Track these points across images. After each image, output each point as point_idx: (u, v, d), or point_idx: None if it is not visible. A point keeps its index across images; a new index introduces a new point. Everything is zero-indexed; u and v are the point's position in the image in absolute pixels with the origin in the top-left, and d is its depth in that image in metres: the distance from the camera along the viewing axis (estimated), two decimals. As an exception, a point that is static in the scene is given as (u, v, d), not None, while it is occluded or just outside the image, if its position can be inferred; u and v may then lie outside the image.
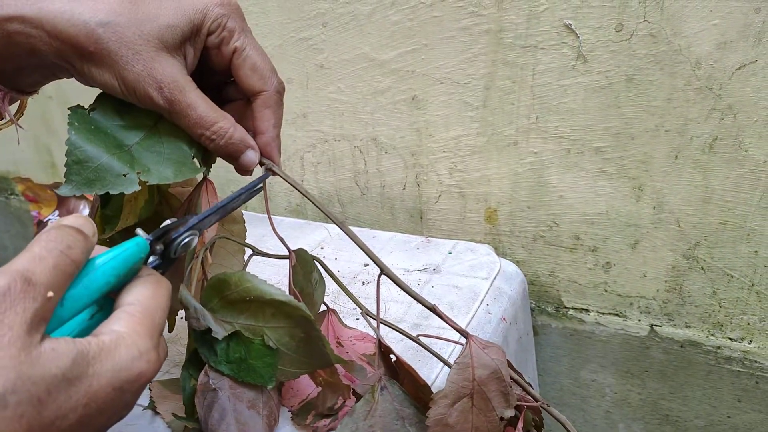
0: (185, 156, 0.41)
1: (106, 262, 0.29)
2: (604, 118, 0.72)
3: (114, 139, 0.40)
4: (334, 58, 0.86)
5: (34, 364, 0.23)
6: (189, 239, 0.35)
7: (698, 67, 0.66)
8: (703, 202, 0.72)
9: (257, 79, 0.40)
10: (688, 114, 0.68)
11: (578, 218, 0.80)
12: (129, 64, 0.36)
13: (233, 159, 0.42)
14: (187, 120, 0.39)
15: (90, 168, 0.38)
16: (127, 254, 0.31)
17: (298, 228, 0.92)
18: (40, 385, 0.23)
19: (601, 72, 0.70)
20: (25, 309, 0.24)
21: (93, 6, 0.35)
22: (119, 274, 0.30)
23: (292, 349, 0.45)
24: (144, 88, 0.37)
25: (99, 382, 0.26)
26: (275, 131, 0.43)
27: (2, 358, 0.23)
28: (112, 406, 0.27)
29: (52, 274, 0.26)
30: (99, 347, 0.26)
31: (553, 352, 0.91)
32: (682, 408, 0.84)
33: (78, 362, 0.25)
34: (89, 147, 0.38)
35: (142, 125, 0.41)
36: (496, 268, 0.75)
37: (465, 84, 0.79)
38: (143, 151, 0.40)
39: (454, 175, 0.85)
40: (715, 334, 0.78)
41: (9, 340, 0.23)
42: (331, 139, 0.93)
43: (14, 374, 0.23)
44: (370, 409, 0.45)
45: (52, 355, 0.24)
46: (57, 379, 0.24)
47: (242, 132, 0.41)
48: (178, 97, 0.38)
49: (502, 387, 0.46)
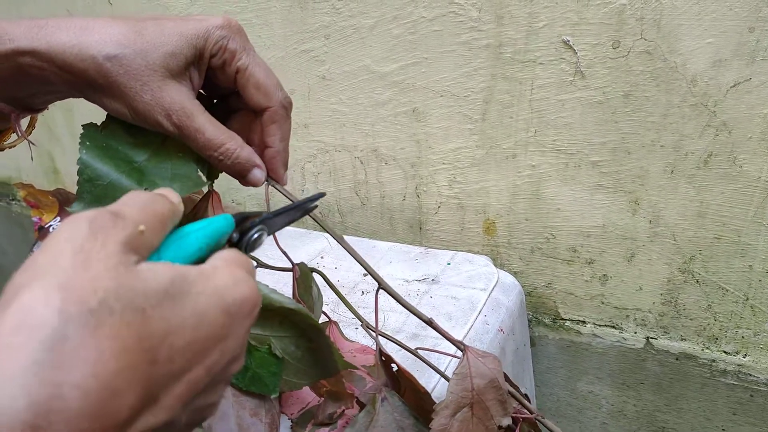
0: (191, 171, 0.43)
1: (197, 230, 0.29)
2: (601, 132, 0.73)
3: (124, 156, 0.41)
4: (336, 70, 0.87)
5: (134, 277, 0.23)
6: (260, 234, 0.33)
7: (694, 84, 0.67)
8: (699, 216, 0.73)
9: (262, 97, 0.41)
10: (683, 130, 0.69)
11: (575, 231, 0.81)
12: (138, 94, 0.38)
13: (240, 177, 0.43)
14: (195, 143, 0.40)
15: (100, 185, 0.40)
16: (216, 226, 0.30)
17: (298, 237, 0.93)
18: (141, 296, 0.23)
19: (599, 87, 0.71)
20: (116, 234, 0.24)
21: (100, 39, 0.36)
22: (210, 243, 0.30)
23: (297, 358, 0.46)
24: (154, 117, 0.39)
25: (205, 302, 0.25)
26: (282, 145, 0.43)
27: (100, 269, 0.22)
28: (222, 336, 0.25)
29: (142, 213, 0.26)
30: (198, 271, 0.26)
31: (550, 363, 0.91)
32: (678, 420, 0.85)
33: (178, 282, 0.24)
34: (100, 165, 0.40)
35: (150, 142, 0.42)
36: (494, 279, 0.76)
37: (465, 97, 0.80)
38: (151, 167, 0.42)
39: (453, 187, 0.86)
40: (710, 348, 0.79)
41: (105, 254, 0.23)
42: (331, 149, 0.94)
43: (114, 283, 0.22)
44: (371, 420, 0.46)
45: (150, 273, 0.24)
46: (159, 294, 0.23)
47: (248, 152, 0.42)
48: (186, 123, 0.39)
49: (500, 395, 0.47)
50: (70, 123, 1.23)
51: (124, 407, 0.21)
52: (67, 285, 0.21)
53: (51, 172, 1.32)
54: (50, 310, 0.20)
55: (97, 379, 0.20)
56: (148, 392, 0.22)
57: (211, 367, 0.25)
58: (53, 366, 0.19)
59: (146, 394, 0.22)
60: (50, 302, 0.20)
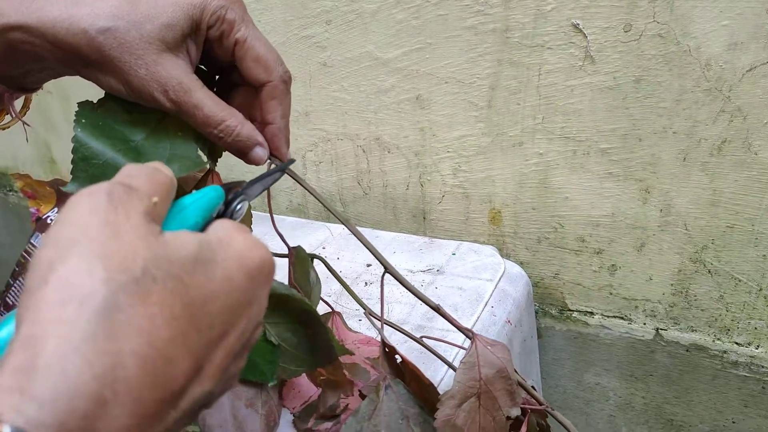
0: (191, 150, 0.41)
1: (193, 202, 0.29)
2: (611, 119, 0.72)
3: (121, 135, 0.40)
4: (337, 56, 0.85)
5: (165, 246, 0.23)
6: (242, 205, 0.34)
7: (708, 69, 0.65)
8: (711, 205, 0.71)
9: (261, 70, 0.40)
10: (696, 116, 0.68)
11: (583, 220, 0.79)
12: (132, 69, 0.36)
13: (242, 155, 0.42)
14: (194, 120, 0.39)
15: (96, 165, 0.38)
16: (210, 197, 0.30)
17: (299, 227, 0.91)
18: (177, 264, 0.22)
19: (609, 72, 0.69)
20: (137, 206, 0.23)
21: (91, 11, 0.34)
22: (206, 216, 0.30)
23: (294, 345, 0.45)
24: (149, 92, 0.37)
25: (231, 266, 0.25)
26: (283, 122, 0.42)
27: (133, 238, 0.22)
28: (248, 300, 0.25)
29: (151, 185, 0.25)
30: (218, 238, 0.25)
31: (557, 354, 0.90)
32: (687, 413, 0.83)
33: (204, 248, 0.24)
34: (95, 143, 0.38)
35: (148, 121, 0.40)
36: (501, 269, 0.74)
37: (470, 83, 0.78)
38: (149, 147, 0.40)
39: (458, 176, 0.84)
40: (722, 339, 0.77)
41: (131, 225, 0.22)
42: (333, 138, 0.92)
43: (150, 252, 0.22)
44: (375, 409, 0.45)
45: (177, 241, 0.23)
46: (190, 261, 0.23)
47: (250, 129, 0.41)
48: (183, 99, 0.37)
49: (508, 385, 0.45)
50: (67, 112, 1.21)
51: (180, 375, 0.21)
52: (107, 254, 0.21)
53: (48, 162, 1.30)
54: (96, 280, 0.20)
55: (153, 347, 0.20)
56: (197, 360, 0.22)
57: (242, 333, 0.25)
58: (110, 336, 0.19)
59: (195, 363, 0.22)
60: (94, 273, 0.20)
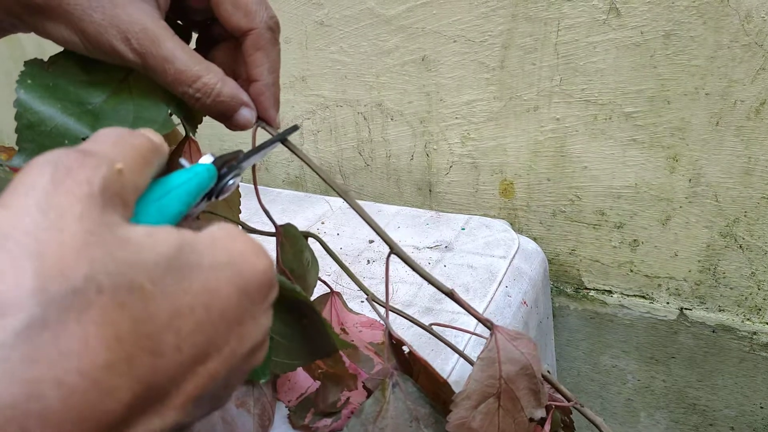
0: (159, 114, 0.35)
1: (180, 185, 0.24)
2: (637, 79, 0.65)
3: (75, 97, 0.34)
4: (335, 14, 0.78)
5: (126, 245, 0.18)
6: (234, 180, 0.29)
7: (748, 21, 0.58)
8: (745, 174, 0.65)
9: (241, 16, 0.33)
10: (732, 74, 0.61)
11: (603, 192, 0.73)
12: (86, 13, 0.30)
13: (224, 119, 0.35)
14: (164, 76, 0.33)
15: (43, 132, 0.33)
16: (202, 178, 0.25)
17: (297, 201, 0.85)
18: (139, 270, 0.17)
19: (636, 27, 0.63)
20: (89, 178, 0.18)
21: None
22: (191, 203, 0.25)
23: (287, 336, 0.40)
24: (108, 41, 0.31)
25: (219, 276, 0.20)
26: (270, 77, 0.35)
27: (79, 231, 0.17)
28: (238, 317, 0.20)
29: (116, 148, 0.20)
30: (212, 237, 0.20)
31: (571, 335, 0.84)
32: (711, 397, 0.78)
33: (185, 251, 0.19)
34: (43, 107, 0.33)
35: (110, 80, 0.35)
36: (515, 245, 0.69)
37: (481, 42, 0.71)
38: (109, 110, 0.35)
39: (466, 144, 0.78)
40: (752, 319, 0.72)
41: (80, 212, 0.17)
42: (332, 104, 0.85)
43: (101, 253, 0.17)
44: (381, 410, 0.39)
45: (147, 240, 0.18)
46: (160, 267, 0.18)
47: (232, 86, 0.34)
48: (150, 49, 0.31)
49: (533, 384, 0.39)
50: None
51: (117, 408, 0.17)
52: (41, 252, 0.16)
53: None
54: (22, 290, 0.16)
55: (83, 376, 0.16)
56: (151, 389, 0.18)
57: (230, 356, 0.20)
58: (30, 360, 0.16)
59: (148, 392, 0.17)
60: (21, 279, 0.16)
